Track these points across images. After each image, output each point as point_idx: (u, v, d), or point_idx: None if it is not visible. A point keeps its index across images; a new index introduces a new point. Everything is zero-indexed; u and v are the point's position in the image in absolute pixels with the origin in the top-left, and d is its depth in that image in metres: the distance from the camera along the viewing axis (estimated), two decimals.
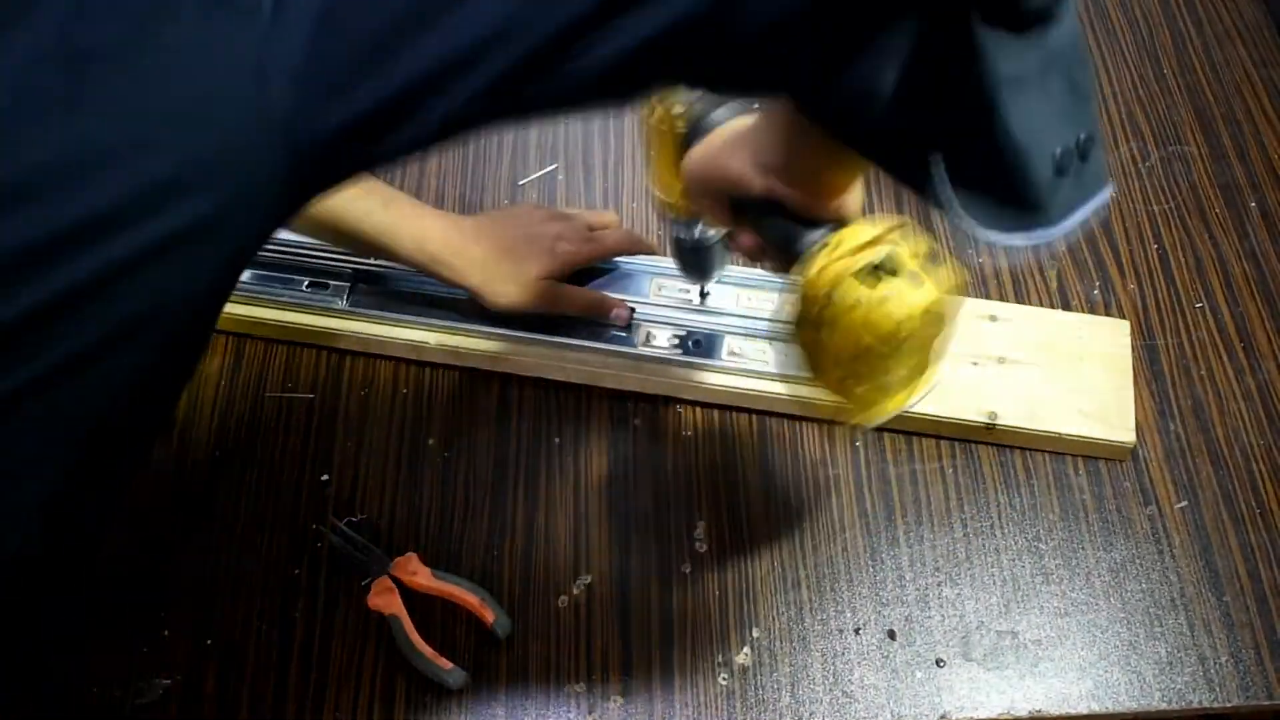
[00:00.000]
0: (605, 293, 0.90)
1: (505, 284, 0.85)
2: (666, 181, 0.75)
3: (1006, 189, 0.51)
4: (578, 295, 0.88)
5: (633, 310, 0.89)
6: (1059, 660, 0.79)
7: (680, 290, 0.91)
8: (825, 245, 0.61)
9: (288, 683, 0.77)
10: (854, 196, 0.65)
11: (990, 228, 0.51)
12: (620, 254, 0.92)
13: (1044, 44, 0.48)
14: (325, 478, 0.85)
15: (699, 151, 0.67)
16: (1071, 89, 0.50)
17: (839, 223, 0.63)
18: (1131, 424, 0.86)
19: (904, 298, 0.59)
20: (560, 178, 1.02)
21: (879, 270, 0.59)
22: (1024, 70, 0.48)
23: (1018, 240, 0.52)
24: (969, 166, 0.51)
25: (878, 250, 0.60)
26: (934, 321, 0.61)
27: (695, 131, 0.69)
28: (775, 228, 0.65)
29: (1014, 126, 0.49)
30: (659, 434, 0.88)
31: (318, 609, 0.80)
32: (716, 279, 0.88)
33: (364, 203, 0.82)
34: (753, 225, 0.68)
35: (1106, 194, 0.53)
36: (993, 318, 0.91)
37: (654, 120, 0.72)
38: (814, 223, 0.63)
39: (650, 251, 0.93)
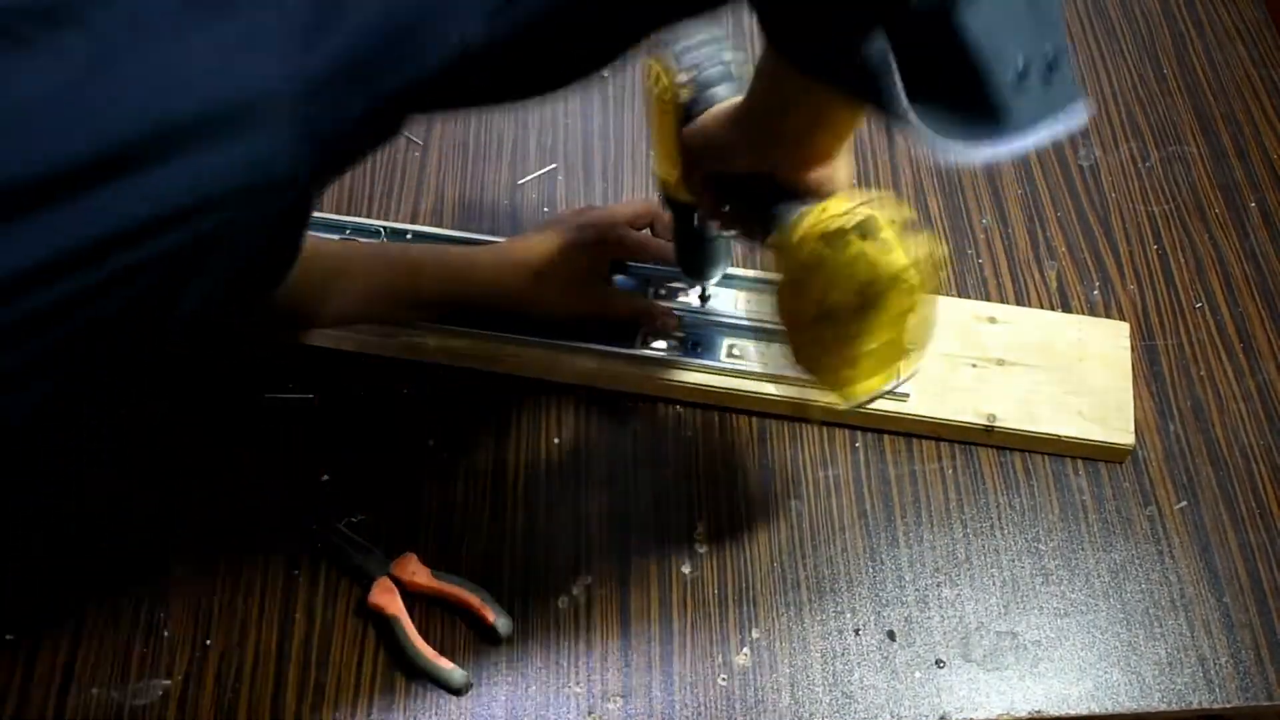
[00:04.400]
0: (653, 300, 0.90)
1: (553, 292, 0.86)
2: (666, 159, 0.75)
3: (966, 94, 0.49)
4: (624, 301, 0.89)
5: (680, 319, 0.88)
6: (1059, 661, 0.79)
7: (680, 291, 0.91)
8: (805, 213, 0.61)
9: (287, 684, 0.77)
10: (842, 171, 0.65)
11: (951, 138, 0.49)
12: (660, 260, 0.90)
13: None
14: (325, 478, 0.85)
15: (696, 126, 0.68)
16: (1031, 4, 0.49)
17: (824, 197, 0.63)
18: (1131, 426, 0.86)
19: (872, 260, 0.59)
20: (560, 178, 1.02)
21: (851, 234, 0.59)
22: None
23: (982, 152, 0.49)
24: (926, 73, 0.49)
25: (852, 214, 0.59)
26: (905, 292, 0.60)
27: (696, 104, 0.69)
28: (762, 203, 0.65)
29: (971, 29, 0.47)
30: (659, 435, 0.87)
31: (317, 609, 0.80)
32: (717, 279, 0.88)
33: (436, 251, 0.88)
34: (742, 204, 0.68)
35: (1081, 110, 0.51)
36: (992, 319, 0.91)
37: (657, 90, 0.71)
38: (799, 197, 0.63)
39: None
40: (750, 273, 0.92)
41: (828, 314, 0.61)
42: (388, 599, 0.78)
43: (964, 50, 0.48)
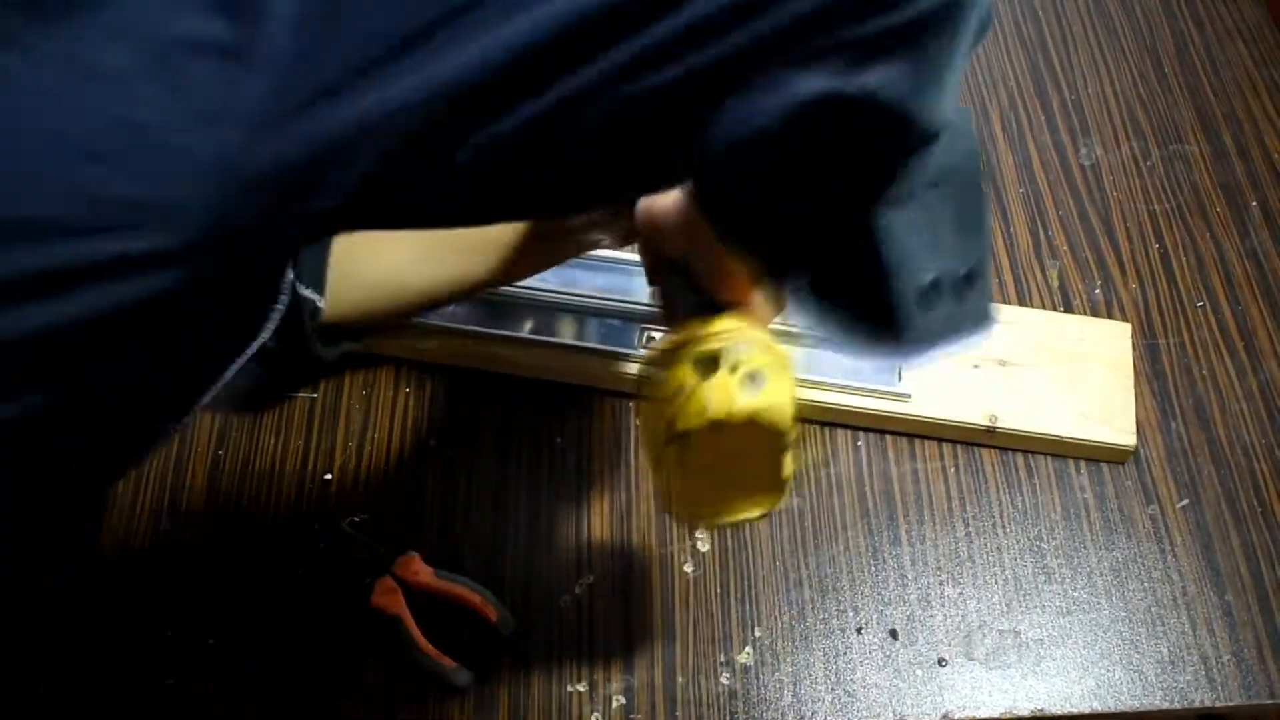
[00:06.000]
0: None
1: None
2: None
3: (869, 299, 0.47)
4: None
5: None
6: (1061, 659, 0.79)
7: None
8: (687, 325, 0.56)
9: (290, 683, 0.77)
10: (763, 304, 0.59)
11: (851, 337, 0.48)
12: None
13: (925, 165, 0.44)
14: (327, 477, 0.85)
15: (648, 199, 0.64)
16: (958, 220, 0.47)
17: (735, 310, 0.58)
18: (1132, 426, 0.86)
19: (724, 396, 0.51)
20: None
21: (714, 363, 0.53)
22: (902, 192, 0.45)
23: (867, 356, 0.49)
24: (834, 270, 0.47)
25: (720, 343, 0.54)
26: (764, 435, 0.53)
27: None
28: (680, 295, 0.61)
29: (889, 234, 0.45)
30: None
31: (320, 609, 0.80)
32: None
33: None
34: (668, 287, 0.66)
35: (985, 334, 0.50)
36: None
37: None
38: (712, 304, 0.59)
39: None
40: None
41: (678, 438, 0.54)
42: (390, 599, 0.78)
43: (876, 255, 0.46)
